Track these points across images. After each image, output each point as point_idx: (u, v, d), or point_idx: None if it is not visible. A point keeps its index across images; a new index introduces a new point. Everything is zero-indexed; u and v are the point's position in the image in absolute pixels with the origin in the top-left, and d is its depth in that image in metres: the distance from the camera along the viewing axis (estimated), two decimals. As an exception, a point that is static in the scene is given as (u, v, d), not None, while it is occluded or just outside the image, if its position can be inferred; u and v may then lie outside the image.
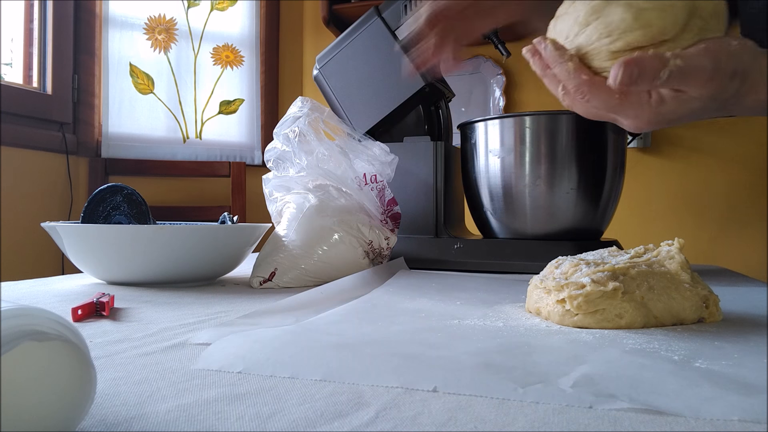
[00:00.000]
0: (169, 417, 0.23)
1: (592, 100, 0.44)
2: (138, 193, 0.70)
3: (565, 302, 0.41)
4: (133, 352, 0.34)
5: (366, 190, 0.74)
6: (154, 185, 1.91)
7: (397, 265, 0.79)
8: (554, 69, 0.45)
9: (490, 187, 0.84)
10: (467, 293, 0.57)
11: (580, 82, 0.44)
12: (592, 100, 0.44)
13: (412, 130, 0.92)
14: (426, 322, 0.42)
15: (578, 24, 0.44)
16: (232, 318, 0.44)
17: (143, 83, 1.93)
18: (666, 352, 0.33)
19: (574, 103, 0.46)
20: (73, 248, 0.62)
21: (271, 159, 0.76)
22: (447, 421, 0.23)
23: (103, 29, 1.87)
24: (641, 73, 0.40)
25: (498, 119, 0.83)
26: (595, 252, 0.50)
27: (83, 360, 0.20)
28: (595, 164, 0.81)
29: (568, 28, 0.45)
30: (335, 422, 0.23)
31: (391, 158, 0.75)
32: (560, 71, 0.45)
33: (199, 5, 2.02)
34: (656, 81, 0.41)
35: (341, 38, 0.93)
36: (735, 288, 0.63)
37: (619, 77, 0.41)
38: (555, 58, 0.45)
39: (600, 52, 0.43)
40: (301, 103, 0.76)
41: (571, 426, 0.22)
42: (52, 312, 0.20)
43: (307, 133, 0.72)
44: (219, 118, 2.04)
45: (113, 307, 0.49)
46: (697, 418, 0.23)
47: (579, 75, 0.44)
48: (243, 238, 0.66)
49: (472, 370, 0.29)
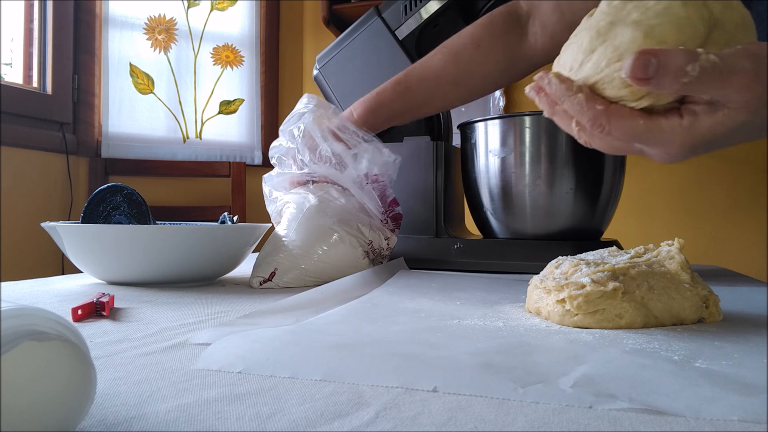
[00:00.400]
0: (169, 417, 0.23)
1: (613, 131, 0.38)
2: (138, 193, 0.70)
3: (565, 302, 0.41)
4: (133, 352, 0.34)
5: (367, 189, 0.74)
6: (154, 185, 1.91)
7: (397, 265, 0.79)
8: (563, 104, 0.40)
9: (490, 187, 0.84)
10: (467, 293, 0.57)
11: (595, 114, 0.38)
12: (612, 132, 0.39)
13: (412, 130, 0.92)
14: (426, 322, 0.42)
15: (582, 51, 0.39)
16: (232, 318, 0.44)
17: (143, 83, 1.93)
18: (666, 352, 0.33)
19: (592, 138, 0.41)
20: (73, 248, 0.62)
21: (275, 156, 0.76)
22: (447, 421, 0.23)
23: (103, 29, 1.87)
24: (662, 65, 0.34)
25: (498, 119, 0.83)
26: (595, 252, 0.50)
27: (83, 360, 0.20)
28: (595, 164, 0.81)
29: (572, 58, 0.40)
30: (335, 422, 0.23)
31: (394, 158, 0.75)
32: (571, 106, 0.39)
33: (199, 5, 2.02)
34: (683, 78, 0.34)
35: (341, 38, 0.93)
36: (735, 288, 0.63)
37: (630, 68, 0.35)
38: (562, 91, 0.39)
39: (612, 80, 0.38)
40: (307, 100, 0.76)
41: (571, 426, 0.22)
42: (52, 312, 0.20)
43: (311, 130, 0.72)
44: (219, 118, 2.04)
45: (113, 307, 0.49)
46: (697, 418, 0.23)
47: (593, 106, 0.38)
48: (243, 238, 0.66)
49: (472, 370, 0.29)
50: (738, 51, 0.35)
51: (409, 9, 0.88)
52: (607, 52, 0.38)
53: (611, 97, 0.38)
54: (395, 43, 0.89)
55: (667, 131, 0.37)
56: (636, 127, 0.38)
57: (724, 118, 0.36)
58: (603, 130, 0.39)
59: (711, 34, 0.37)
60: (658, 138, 0.38)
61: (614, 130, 0.38)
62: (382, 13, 0.90)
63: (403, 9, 0.89)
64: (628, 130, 0.38)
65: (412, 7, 0.88)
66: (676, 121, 0.37)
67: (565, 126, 0.42)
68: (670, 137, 0.38)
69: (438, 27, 0.90)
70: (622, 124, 0.38)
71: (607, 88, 0.38)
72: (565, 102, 0.40)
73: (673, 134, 0.37)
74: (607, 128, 0.38)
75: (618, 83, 0.37)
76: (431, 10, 0.87)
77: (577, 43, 0.40)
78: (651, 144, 0.39)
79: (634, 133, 0.38)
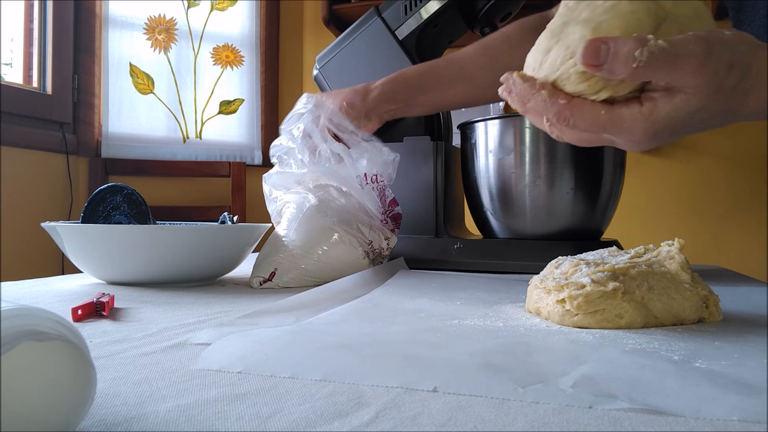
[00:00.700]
0: (169, 417, 0.23)
1: (579, 123, 0.40)
2: (138, 193, 0.70)
3: (565, 302, 0.41)
4: (133, 352, 0.34)
5: (367, 189, 0.74)
6: (154, 185, 1.91)
7: (397, 265, 0.79)
8: (530, 102, 0.42)
9: (490, 187, 0.84)
10: (467, 293, 0.57)
11: (559, 108, 0.40)
12: (578, 123, 0.40)
13: (412, 130, 0.92)
14: (426, 322, 0.42)
15: (541, 51, 0.41)
16: (232, 318, 0.44)
17: (143, 83, 1.93)
18: (666, 352, 0.33)
19: (563, 131, 0.43)
20: (73, 248, 0.62)
21: (276, 155, 0.76)
22: (447, 421, 0.23)
23: (103, 29, 1.87)
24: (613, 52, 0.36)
25: (498, 119, 0.83)
26: (595, 252, 0.50)
27: (83, 360, 0.20)
28: (595, 164, 0.81)
29: (533, 59, 0.42)
30: (335, 422, 0.23)
31: (393, 157, 0.75)
32: (536, 103, 0.41)
33: (199, 5, 2.02)
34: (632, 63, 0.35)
35: (341, 38, 0.93)
36: (735, 288, 0.63)
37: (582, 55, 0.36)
38: (526, 90, 0.41)
39: (569, 76, 0.39)
40: (306, 100, 0.76)
41: (571, 426, 0.22)
42: (52, 312, 0.20)
43: (310, 130, 0.72)
44: (219, 118, 2.04)
45: (113, 307, 0.49)
46: (697, 418, 0.23)
47: (556, 101, 0.40)
48: (243, 238, 0.66)
49: (472, 370, 0.29)
50: (688, 37, 0.36)
51: (409, 9, 0.88)
52: (561, 51, 0.40)
53: (572, 93, 0.40)
54: (395, 43, 0.89)
55: (629, 119, 0.39)
56: (598, 117, 0.39)
57: (682, 103, 0.37)
58: (568, 123, 0.40)
59: (661, 26, 0.38)
60: (621, 126, 0.39)
61: (579, 122, 0.40)
62: (382, 13, 0.90)
63: (403, 9, 0.89)
64: (591, 120, 0.40)
65: (412, 7, 0.88)
66: (636, 108, 0.38)
67: (537, 122, 0.44)
68: (632, 125, 0.39)
69: (438, 27, 0.90)
70: (585, 115, 0.39)
71: (566, 84, 0.40)
72: (530, 100, 0.41)
73: (634, 121, 0.39)
74: (572, 121, 0.40)
75: (575, 78, 0.39)
76: (431, 10, 0.87)
77: (537, 44, 0.42)
78: (615, 133, 0.40)
79: (597, 123, 0.40)
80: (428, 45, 0.92)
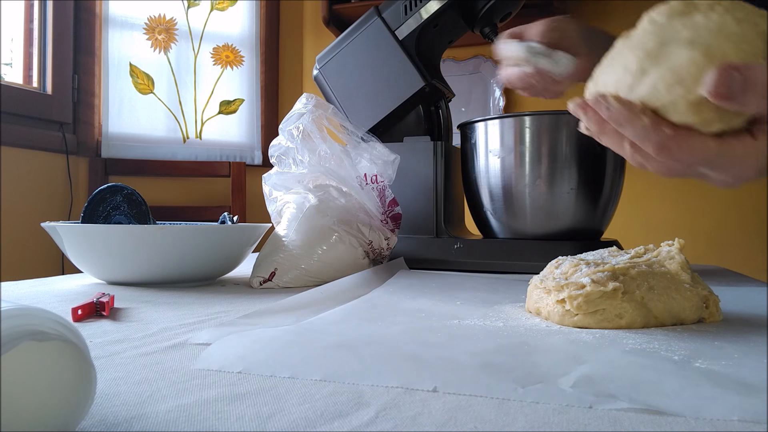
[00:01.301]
0: (169, 417, 0.23)
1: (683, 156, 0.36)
2: (138, 193, 0.70)
3: (565, 302, 0.41)
4: (133, 352, 0.34)
5: (367, 189, 0.74)
6: (154, 185, 1.91)
7: (397, 265, 0.79)
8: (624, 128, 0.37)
9: (490, 187, 0.84)
10: (467, 293, 0.57)
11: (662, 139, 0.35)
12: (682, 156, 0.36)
13: (412, 130, 0.92)
14: (426, 322, 0.42)
15: (631, 73, 0.37)
16: (232, 318, 0.44)
17: (143, 83, 1.93)
18: (666, 352, 0.33)
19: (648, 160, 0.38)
20: (73, 248, 0.62)
21: (275, 155, 0.76)
22: (447, 421, 0.23)
23: (103, 29, 1.87)
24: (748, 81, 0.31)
25: (498, 119, 0.83)
26: (595, 252, 0.50)
27: (83, 360, 0.20)
28: (595, 164, 0.81)
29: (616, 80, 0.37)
30: (335, 422, 0.23)
31: (393, 157, 0.75)
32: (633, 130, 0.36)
33: (199, 5, 2.02)
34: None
35: (341, 38, 0.93)
36: (735, 288, 0.63)
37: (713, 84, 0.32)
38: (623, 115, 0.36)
39: (677, 104, 0.35)
40: (306, 100, 0.76)
41: (571, 426, 0.22)
42: (52, 312, 0.20)
43: (310, 130, 0.72)
44: (219, 118, 2.04)
45: (113, 307, 0.49)
46: (697, 418, 0.23)
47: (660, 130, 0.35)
48: (243, 238, 0.66)
49: (472, 370, 0.29)
50: None
51: (409, 9, 0.88)
52: (665, 76, 0.35)
53: (677, 122, 0.36)
54: (395, 43, 0.89)
55: (740, 154, 0.35)
56: (707, 151, 0.35)
57: None
58: (671, 155, 0.36)
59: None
60: (730, 161, 0.36)
61: (684, 155, 0.36)
62: (382, 13, 0.90)
63: (403, 9, 0.89)
64: (699, 154, 0.36)
65: (412, 7, 0.88)
66: (749, 141, 0.35)
67: (615, 146, 0.40)
68: (743, 159, 0.36)
69: (438, 27, 0.90)
70: (693, 148, 0.36)
71: (672, 114, 0.35)
72: (626, 126, 0.37)
73: (746, 156, 0.35)
74: (677, 154, 0.36)
75: (683, 107, 0.35)
76: (431, 10, 0.87)
77: (621, 63, 0.38)
78: (720, 168, 0.36)
79: (704, 158, 0.36)
80: (428, 45, 0.92)
